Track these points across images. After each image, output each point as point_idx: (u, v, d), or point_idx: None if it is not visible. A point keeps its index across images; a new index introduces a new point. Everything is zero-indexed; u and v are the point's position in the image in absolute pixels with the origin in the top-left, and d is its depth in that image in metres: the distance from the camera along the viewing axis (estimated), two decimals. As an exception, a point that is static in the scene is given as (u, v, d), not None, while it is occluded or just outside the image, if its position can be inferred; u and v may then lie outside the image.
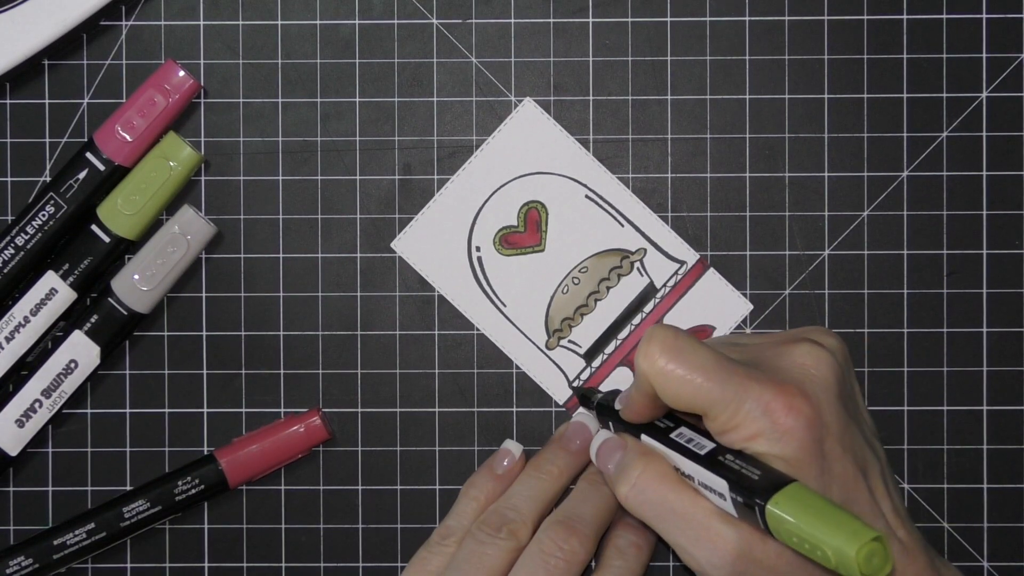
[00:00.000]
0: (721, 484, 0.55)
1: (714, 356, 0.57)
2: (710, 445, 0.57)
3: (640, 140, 0.68)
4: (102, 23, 0.67)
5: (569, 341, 0.68)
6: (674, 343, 0.57)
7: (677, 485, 0.58)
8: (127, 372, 0.68)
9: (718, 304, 0.68)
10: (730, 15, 0.67)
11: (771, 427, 0.56)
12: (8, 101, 0.68)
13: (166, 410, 0.68)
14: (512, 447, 0.66)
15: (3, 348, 0.66)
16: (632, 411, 0.61)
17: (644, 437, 0.60)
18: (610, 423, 0.63)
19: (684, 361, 0.57)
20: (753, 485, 0.54)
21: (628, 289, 0.68)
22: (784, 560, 0.56)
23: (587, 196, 0.68)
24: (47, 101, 0.68)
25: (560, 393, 0.68)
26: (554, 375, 0.68)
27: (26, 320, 0.66)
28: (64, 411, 0.67)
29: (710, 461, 0.56)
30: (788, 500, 0.52)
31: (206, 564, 0.68)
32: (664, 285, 0.68)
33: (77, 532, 0.66)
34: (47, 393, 0.66)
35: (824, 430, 0.56)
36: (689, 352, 0.57)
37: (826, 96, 0.67)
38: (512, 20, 0.67)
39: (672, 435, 0.59)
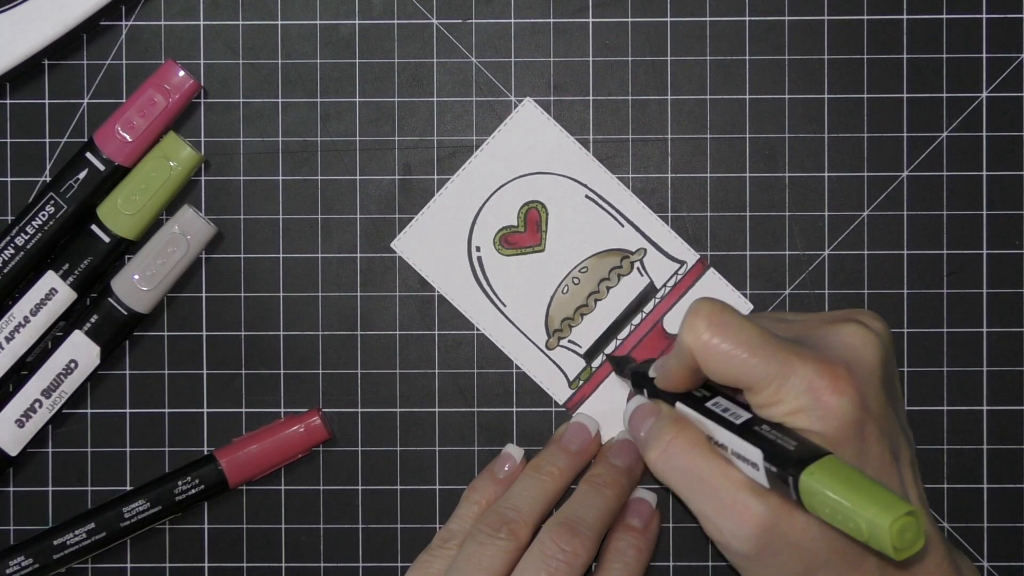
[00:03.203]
0: (755, 453, 0.55)
1: (759, 332, 0.56)
2: (746, 415, 0.57)
3: (640, 140, 0.68)
4: (102, 23, 0.67)
5: (569, 341, 0.68)
6: (720, 317, 0.56)
7: (708, 454, 0.58)
8: (127, 372, 0.68)
9: (718, 304, 0.67)
10: (730, 15, 0.67)
11: (814, 404, 0.55)
12: (8, 101, 0.68)
13: (166, 410, 0.68)
14: (513, 451, 0.66)
15: (3, 348, 0.66)
16: (669, 380, 0.60)
17: (679, 405, 0.60)
18: (644, 390, 0.63)
19: (729, 336, 0.56)
20: (788, 455, 0.54)
21: (628, 289, 0.68)
22: (809, 536, 0.56)
23: (587, 196, 0.68)
24: (47, 101, 0.68)
25: (560, 393, 0.68)
26: (554, 375, 0.68)
27: (26, 320, 0.66)
28: (64, 411, 0.67)
29: (745, 431, 0.56)
30: (823, 471, 0.52)
31: (206, 564, 0.68)
32: (664, 285, 0.68)
33: (77, 532, 0.66)
34: (47, 393, 0.66)
35: (866, 412, 0.56)
36: (735, 327, 0.56)
37: (826, 96, 0.67)
38: (512, 20, 0.67)
39: (708, 404, 0.59)
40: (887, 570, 0.57)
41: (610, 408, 0.68)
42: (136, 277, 0.66)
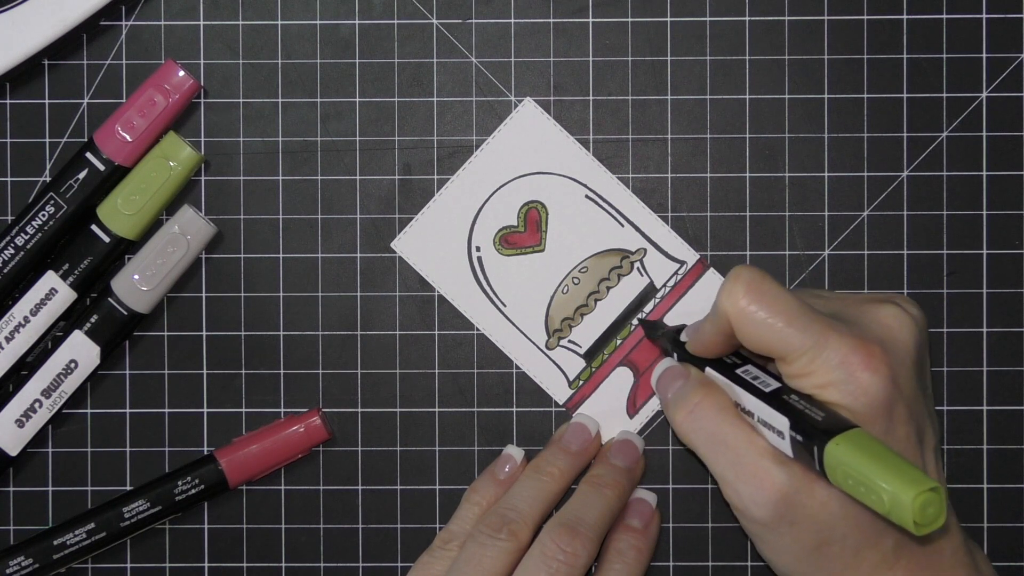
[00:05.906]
0: (783, 422, 0.55)
1: (797, 302, 0.57)
2: (775, 384, 0.58)
3: (640, 140, 0.68)
4: (102, 23, 0.67)
5: (569, 341, 0.68)
6: (760, 285, 0.57)
7: (734, 419, 0.58)
8: (127, 372, 0.68)
9: (718, 304, 0.67)
10: (730, 15, 0.67)
11: (846, 379, 0.56)
12: (8, 101, 0.68)
13: (166, 410, 0.68)
14: (513, 452, 0.66)
15: (3, 348, 0.66)
16: (702, 345, 0.61)
17: (708, 370, 0.61)
18: (675, 355, 0.63)
19: (767, 304, 0.57)
20: (815, 425, 0.54)
21: (628, 289, 0.68)
22: (827, 510, 0.56)
23: (587, 196, 0.68)
24: (47, 101, 0.68)
25: (560, 393, 0.68)
26: (554, 375, 0.68)
27: (26, 320, 0.66)
28: (64, 411, 0.67)
29: (774, 399, 0.57)
30: (849, 443, 0.53)
31: (206, 564, 0.68)
32: (664, 285, 0.68)
33: (77, 532, 0.66)
34: (47, 393, 0.66)
35: (897, 392, 0.56)
36: (773, 296, 0.57)
37: (826, 96, 0.67)
38: (512, 20, 0.67)
39: (738, 371, 0.59)
40: (903, 550, 0.57)
41: (610, 408, 0.68)
42: (136, 277, 0.66)
